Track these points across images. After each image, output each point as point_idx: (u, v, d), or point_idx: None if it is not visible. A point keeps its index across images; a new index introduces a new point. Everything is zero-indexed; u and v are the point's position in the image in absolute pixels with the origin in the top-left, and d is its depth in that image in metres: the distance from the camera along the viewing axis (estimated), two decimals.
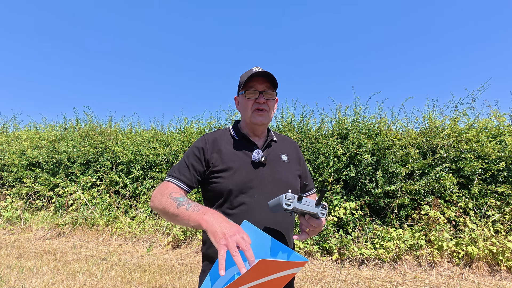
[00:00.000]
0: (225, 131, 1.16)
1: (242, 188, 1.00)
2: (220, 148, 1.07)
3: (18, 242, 4.37)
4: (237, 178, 1.01)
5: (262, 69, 1.07)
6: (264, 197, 1.01)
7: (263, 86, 1.07)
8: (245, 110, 1.10)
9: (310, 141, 4.33)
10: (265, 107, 1.07)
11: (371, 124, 4.27)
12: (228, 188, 0.99)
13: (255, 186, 1.02)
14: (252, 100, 1.06)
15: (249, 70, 1.09)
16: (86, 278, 3.15)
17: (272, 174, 1.06)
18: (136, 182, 5.00)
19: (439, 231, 3.43)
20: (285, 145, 1.20)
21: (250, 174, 1.03)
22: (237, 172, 1.02)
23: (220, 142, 1.09)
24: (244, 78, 1.07)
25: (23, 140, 6.03)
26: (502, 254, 3.16)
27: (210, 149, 1.06)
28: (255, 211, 0.99)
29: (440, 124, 4.04)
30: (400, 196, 3.75)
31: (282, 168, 1.10)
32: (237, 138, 1.12)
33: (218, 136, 1.11)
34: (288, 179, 1.09)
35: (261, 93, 1.05)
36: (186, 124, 5.59)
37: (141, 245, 4.29)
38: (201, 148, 1.07)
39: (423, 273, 3.27)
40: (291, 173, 1.12)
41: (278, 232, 1.02)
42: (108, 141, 5.38)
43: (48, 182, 5.21)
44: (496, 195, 3.56)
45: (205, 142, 1.09)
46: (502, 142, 3.73)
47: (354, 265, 3.50)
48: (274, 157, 1.11)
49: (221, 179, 1.01)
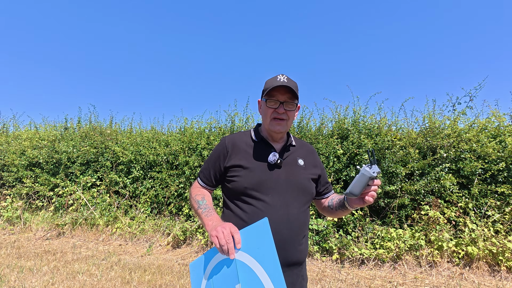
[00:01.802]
0: (246, 133, 1.24)
1: (257, 187, 1.07)
2: (239, 149, 1.15)
3: (18, 242, 4.37)
4: (252, 177, 1.08)
5: (287, 78, 1.11)
6: (278, 196, 1.07)
7: (285, 97, 1.10)
8: (265, 117, 1.16)
9: (310, 141, 4.34)
10: (284, 116, 1.12)
11: (371, 124, 4.27)
12: (244, 186, 1.08)
13: (269, 186, 1.08)
14: (272, 109, 1.11)
15: (274, 77, 1.13)
16: (86, 278, 3.14)
17: (287, 176, 1.12)
18: (136, 182, 5.00)
19: (439, 231, 3.43)
20: (303, 151, 1.26)
21: (265, 175, 1.09)
22: (253, 171, 1.09)
23: (240, 144, 1.17)
24: (268, 86, 1.12)
25: (23, 140, 6.03)
26: (502, 254, 3.16)
27: (230, 151, 1.15)
28: (269, 209, 1.05)
29: (440, 124, 4.04)
30: (400, 196, 3.75)
31: (298, 171, 1.16)
32: (257, 141, 1.19)
33: (237, 139, 1.19)
34: (302, 182, 1.14)
35: (281, 103, 1.10)
36: (186, 124, 5.59)
37: (141, 245, 4.29)
38: (220, 151, 1.17)
39: (423, 273, 3.27)
40: (306, 176, 1.17)
41: (292, 231, 1.06)
42: (108, 141, 5.38)
43: (48, 182, 5.21)
44: (496, 195, 3.56)
45: (224, 146, 1.17)
46: (502, 142, 3.73)
47: (354, 265, 3.50)
48: (290, 161, 1.17)
49: (238, 178, 1.10)
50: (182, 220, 4.51)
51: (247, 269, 0.85)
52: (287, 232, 1.05)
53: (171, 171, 4.81)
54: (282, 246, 1.01)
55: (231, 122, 5.19)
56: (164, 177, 4.74)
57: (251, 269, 0.85)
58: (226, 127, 5.23)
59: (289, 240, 1.05)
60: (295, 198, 1.10)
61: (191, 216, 4.48)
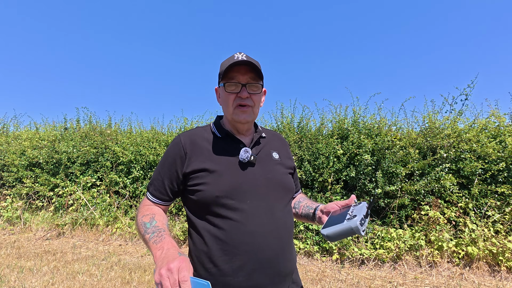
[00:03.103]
0: (205, 128, 1.00)
1: (231, 194, 0.85)
2: (200, 149, 0.92)
3: (18, 242, 4.37)
4: (223, 182, 0.86)
5: (245, 56, 0.90)
6: (258, 201, 0.87)
7: (246, 77, 0.89)
8: (226, 106, 0.93)
9: (310, 141, 4.34)
10: (249, 102, 0.91)
11: (371, 125, 4.27)
12: (214, 195, 0.84)
13: (246, 190, 0.87)
14: (234, 94, 0.90)
15: (231, 56, 0.91)
16: (86, 278, 3.14)
17: (264, 175, 0.92)
18: (136, 182, 5.00)
19: (439, 232, 3.43)
20: (275, 142, 1.07)
21: (239, 177, 0.88)
22: (223, 175, 0.87)
23: (200, 142, 0.93)
24: (224, 67, 0.89)
25: (23, 140, 6.03)
26: (502, 254, 3.15)
27: (188, 153, 0.91)
28: (251, 218, 0.85)
29: (440, 124, 4.04)
30: (400, 196, 3.75)
31: (274, 167, 0.97)
32: (220, 136, 0.96)
33: (196, 136, 0.95)
34: (282, 179, 0.97)
35: (243, 86, 0.89)
36: (186, 124, 5.59)
37: (141, 245, 4.29)
38: (176, 153, 0.92)
39: (423, 274, 3.27)
40: (284, 172, 1.00)
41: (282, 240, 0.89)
42: (108, 141, 5.38)
43: (48, 182, 5.21)
44: (496, 195, 3.56)
45: (180, 145, 0.92)
46: (502, 142, 3.72)
47: (354, 266, 3.50)
48: (264, 155, 0.97)
49: (204, 186, 0.86)
50: (182, 220, 4.51)
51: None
52: (277, 242, 0.87)
53: None
54: (274, 260, 0.85)
55: None
56: None
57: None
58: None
59: (280, 250, 0.87)
60: (278, 199, 0.92)
61: None
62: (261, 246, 0.83)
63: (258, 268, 0.83)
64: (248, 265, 0.82)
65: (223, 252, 0.83)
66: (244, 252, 0.82)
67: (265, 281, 0.83)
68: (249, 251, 0.82)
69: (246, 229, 0.83)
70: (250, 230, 0.83)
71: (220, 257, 0.83)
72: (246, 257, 0.82)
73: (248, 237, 0.83)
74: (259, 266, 0.83)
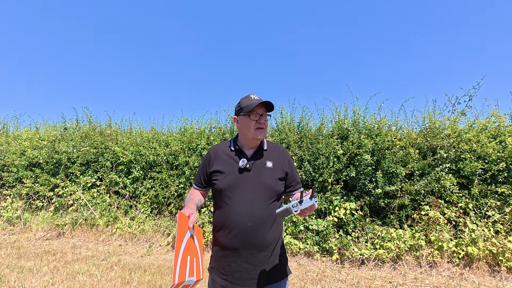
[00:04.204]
0: (226, 143, 1.52)
1: (230, 188, 1.36)
2: (219, 157, 1.45)
3: (18, 243, 4.37)
4: (227, 180, 1.37)
5: (258, 97, 1.43)
6: (244, 195, 1.35)
7: (262, 110, 1.42)
8: (248, 129, 1.42)
9: (310, 142, 4.33)
10: (263, 125, 1.42)
11: (371, 125, 4.27)
12: (221, 188, 1.37)
13: (238, 186, 1.36)
14: (254, 121, 1.40)
15: (247, 96, 1.44)
16: (86, 278, 3.14)
17: (256, 178, 1.38)
18: (136, 183, 5.00)
19: (439, 232, 3.43)
20: (273, 154, 1.50)
21: (236, 178, 1.37)
22: (227, 175, 1.38)
23: (220, 154, 1.46)
24: (247, 104, 1.40)
25: (23, 140, 6.03)
26: (502, 254, 3.15)
27: (213, 159, 1.45)
28: (235, 205, 1.34)
29: (440, 125, 4.04)
30: (400, 197, 3.75)
31: (265, 173, 1.41)
32: (233, 150, 1.47)
33: (219, 149, 1.48)
34: (268, 182, 1.39)
35: (261, 116, 1.41)
36: (186, 125, 5.59)
37: (141, 245, 4.29)
38: (207, 159, 1.48)
39: (423, 274, 3.27)
40: (273, 177, 1.42)
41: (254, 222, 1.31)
42: (108, 142, 5.38)
43: (48, 182, 5.21)
44: (496, 195, 3.56)
45: (209, 155, 1.48)
46: (502, 142, 3.72)
47: (354, 266, 3.49)
48: (260, 164, 1.43)
49: (218, 181, 1.39)
50: None
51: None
52: (252, 223, 1.31)
53: (171, 171, 4.81)
54: (247, 233, 1.31)
55: (231, 122, 5.19)
56: (164, 178, 4.74)
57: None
58: (226, 127, 5.23)
59: (253, 228, 1.31)
60: (261, 195, 1.36)
61: None
62: (239, 222, 1.31)
63: (237, 236, 1.31)
64: (231, 232, 1.32)
65: (221, 222, 1.37)
66: (230, 224, 1.33)
67: (240, 246, 1.31)
68: (232, 224, 1.32)
69: (233, 210, 1.33)
70: (234, 211, 1.33)
71: (220, 224, 1.38)
72: (230, 227, 1.32)
73: (233, 215, 1.33)
74: (237, 235, 1.31)
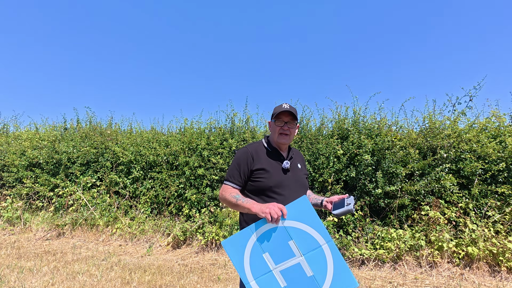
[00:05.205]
0: (259, 144, 1.61)
1: (278, 186, 1.48)
2: (260, 156, 1.53)
3: (18, 243, 4.37)
4: (274, 178, 1.48)
5: (289, 106, 1.56)
6: (290, 192, 1.49)
7: (288, 118, 1.54)
8: (274, 133, 1.58)
9: (310, 142, 4.33)
10: (287, 132, 1.54)
11: (371, 125, 4.27)
12: (269, 185, 1.47)
13: (285, 185, 1.50)
14: (279, 127, 1.54)
15: (280, 105, 1.58)
16: (86, 278, 3.14)
17: (294, 177, 1.56)
18: (136, 183, 5.00)
19: (439, 232, 3.43)
20: (298, 157, 1.71)
21: (282, 177, 1.51)
22: (273, 174, 1.49)
23: (260, 153, 1.55)
24: (275, 112, 1.57)
25: (23, 140, 6.03)
26: (502, 254, 3.15)
27: (255, 158, 1.52)
28: (285, 201, 1.40)
29: (440, 125, 4.04)
30: (400, 197, 3.75)
31: (299, 173, 1.61)
32: (270, 150, 1.58)
33: (257, 148, 1.57)
34: (304, 181, 1.62)
35: (285, 123, 1.53)
36: (186, 125, 5.59)
37: (141, 245, 4.29)
38: (248, 157, 1.52)
39: (423, 274, 3.27)
40: (304, 176, 1.64)
41: None
42: (108, 142, 5.38)
43: (48, 182, 5.21)
44: (496, 195, 3.56)
45: (249, 153, 1.53)
46: (502, 142, 3.72)
47: (354, 266, 3.49)
48: (294, 166, 1.61)
49: (263, 178, 1.48)
50: (182, 220, 4.51)
51: (297, 230, 1.22)
52: None
53: (171, 172, 4.81)
54: None
55: (231, 122, 5.19)
56: (164, 178, 4.74)
57: (300, 229, 1.22)
58: (226, 127, 5.23)
59: None
60: (300, 191, 1.54)
61: (191, 217, 4.48)
62: None
63: None
64: None
65: None
66: None
67: None
68: None
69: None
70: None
71: None
72: None
73: None
74: None
